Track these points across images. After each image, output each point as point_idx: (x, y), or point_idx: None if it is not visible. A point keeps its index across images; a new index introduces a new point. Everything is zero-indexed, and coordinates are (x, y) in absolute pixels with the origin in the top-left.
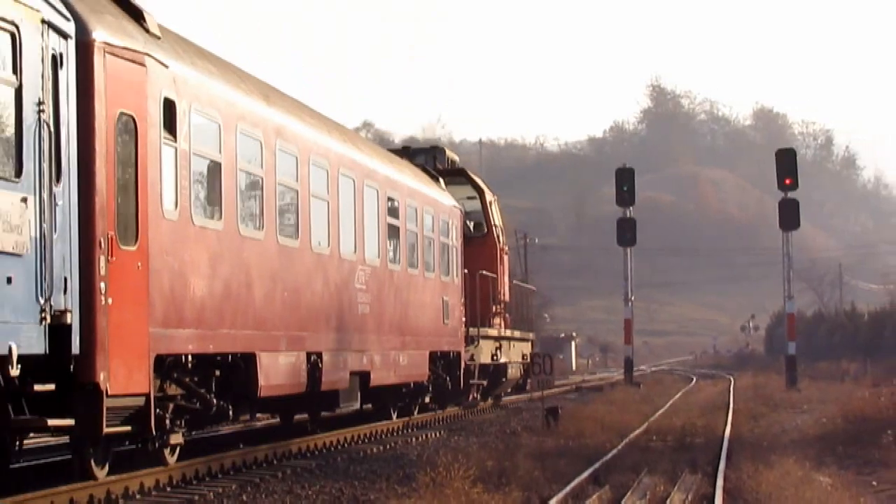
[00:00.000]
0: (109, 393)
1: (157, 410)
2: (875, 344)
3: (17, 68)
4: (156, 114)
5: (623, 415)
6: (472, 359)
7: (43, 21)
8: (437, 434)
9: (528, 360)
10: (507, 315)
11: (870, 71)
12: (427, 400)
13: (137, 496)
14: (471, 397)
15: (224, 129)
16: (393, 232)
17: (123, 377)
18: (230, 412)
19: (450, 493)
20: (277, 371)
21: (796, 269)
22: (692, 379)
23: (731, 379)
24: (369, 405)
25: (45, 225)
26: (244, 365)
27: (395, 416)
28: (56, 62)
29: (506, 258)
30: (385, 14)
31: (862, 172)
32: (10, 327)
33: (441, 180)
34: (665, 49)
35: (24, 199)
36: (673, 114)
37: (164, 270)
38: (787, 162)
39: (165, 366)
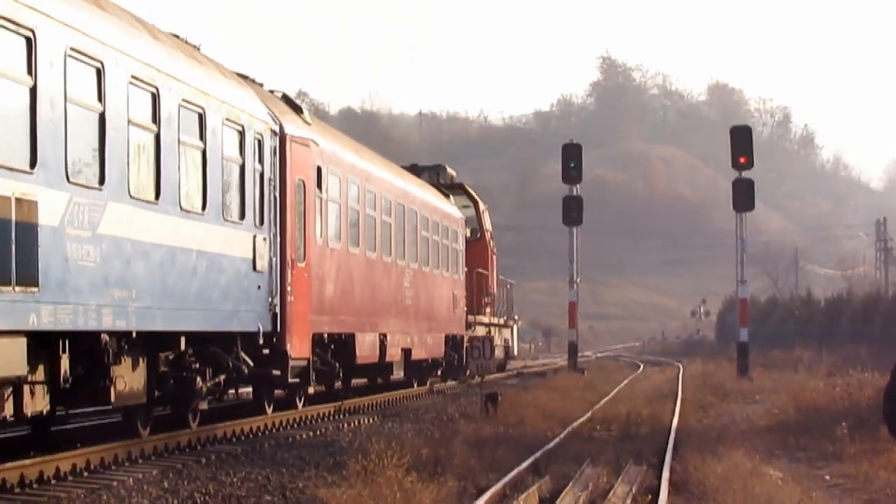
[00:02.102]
0: (292, 356)
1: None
2: (830, 332)
3: (261, 159)
4: (314, 177)
5: (566, 402)
6: (469, 341)
7: (272, 131)
8: (370, 420)
9: (509, 343)
10: (494, 305)
11: (830, 47)
12: (439, 373)
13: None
14: (468, 372)
15: (341, 180)
16: (424, 242)
17: (298, 347)
18: (341, 373)
19: (382, 482)
20: (364, 345)
21: (750, 252)
22: (639, 366)
23: (681, 366)
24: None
25: (271, 253)
26: (348, 340)
27: (416, 385)
28: (272, 151)
29: (494, 258)
30: None
31: (821, 152)
32: (258, 315)
33: (451, 197)
34: (617, 20)
35: (265, 239)
36: (623, 88)
37: (315, 277)
38: (741, 140)
39: (314, 340)
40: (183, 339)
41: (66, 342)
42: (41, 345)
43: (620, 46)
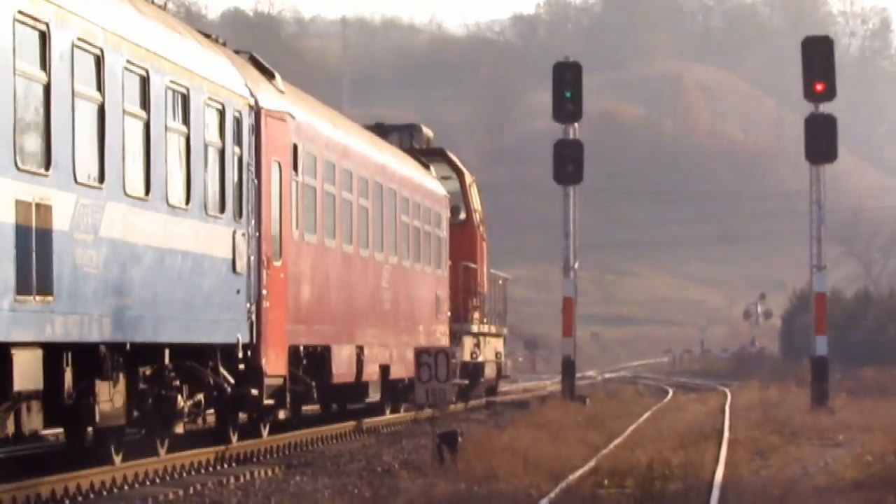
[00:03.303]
0: (267, 373)
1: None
2: None
3: (240, 141)
4: (290, 158)
5: (558, 446)
6: (454, 355)
7: (249, 106)
8: (270, 472)
9: (501, 358)
10: (484, 309)
11: None
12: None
13: None
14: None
15: (317, 159)
16: (404, 229)
17: (274, 362)
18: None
19: None
20: (341, 361)
21: (831, 224)
22: (667, 392)
23: (728, 393)
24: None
25: (250, 251)
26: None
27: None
28: (250, 129)
29: (485, 246)
30: None
31: None
32: (237, 324)
33: (431, 168)
34: None
35: (244, 234)
36: None
37: (292, 278)
38: (818, 58)
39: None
40: (167, 352)
41: (70, 355)
42: (45, 358)
43: None
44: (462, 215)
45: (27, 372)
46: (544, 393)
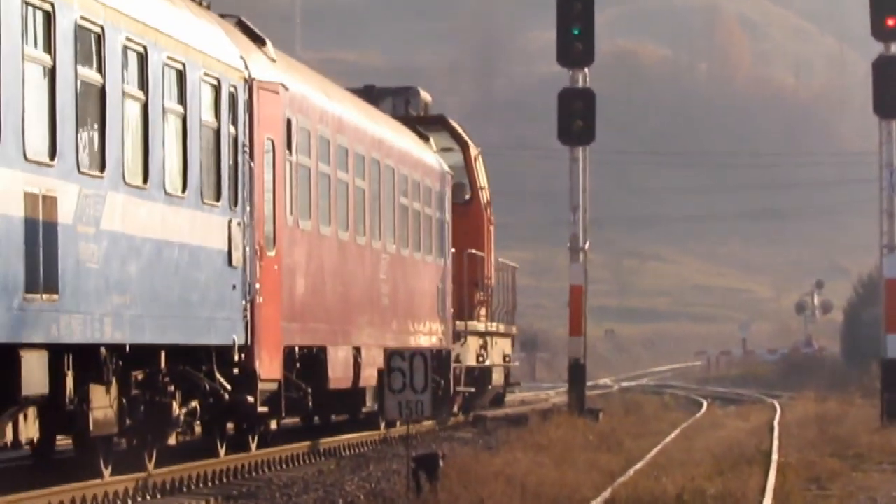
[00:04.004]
0: (262, 377)
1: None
2: None
3: (235, 119)
4: (283, 135)
5: (564, 472)
6: (457, 359)
7: (244, 80)
8: None
9: (510, 362)
10: (491, 304)
11: None
12: None
13: None
14: (455, 408)
15: (311, 134)
16: (402, 212)
17: (268, 365)
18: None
19: None
20: (337, 363)
21: None
22: (700, 404)
23: (777, 405)
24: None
25: (245, 242)
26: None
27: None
28: (245, 106)
29: (492, 231)
30: None
31: None
32: (233, 323)
33: (431, 140)
34: None
35: (239, 223)
36: None
37: (286, 270)
38: None
39: None
40: (163, 355)
41: (71, 357)
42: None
43: None
44: (466, 194)
45: (34, 376)
46: (546, 406)
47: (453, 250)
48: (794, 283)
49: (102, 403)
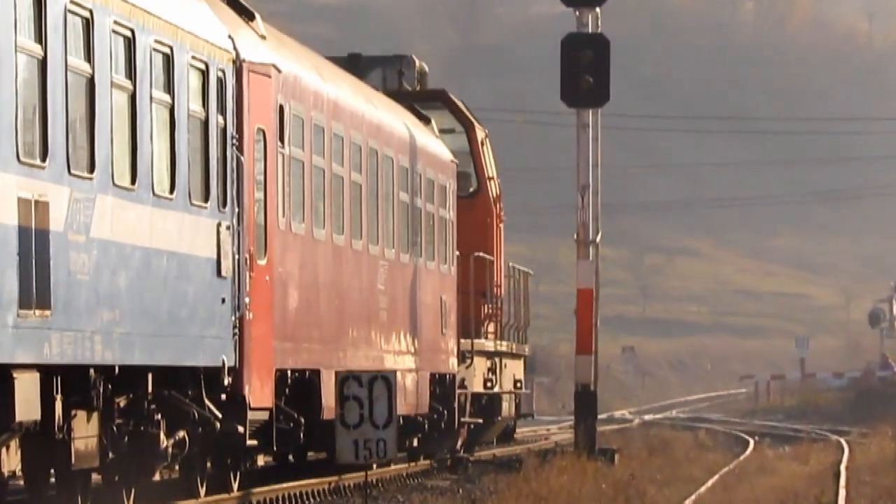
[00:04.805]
0: (251, 405)
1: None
2: None
3: (223, 108)
4: (276, 124)
5: None
6: (462, 384)
7: (232, 62)
8: None
9: (521, 387)
10: (501, 318)
11: None
12: (415, 442)
13: None
14: (458, 443)
15: (305, 122)
16: (403, 210)
17: (258, 390)
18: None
19: None
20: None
21: None
22: (746, 443)
23: (845, 444)
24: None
25: (234, 248)
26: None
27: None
28: (233, 92)
29: (501, 229)
30: None
31: None
32: (222, 342)
33: (433, 122)
34: None
35: (229, 227)
36: None
37: (279, 281)
38: None
39: None
40: (150, 378)
41: (60, 380)
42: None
43: None
44: (472, 186)
45: (27, 400)
46: (546, 443)
47: (457, 253)
48: (866, 287)
49: (86, 433)
